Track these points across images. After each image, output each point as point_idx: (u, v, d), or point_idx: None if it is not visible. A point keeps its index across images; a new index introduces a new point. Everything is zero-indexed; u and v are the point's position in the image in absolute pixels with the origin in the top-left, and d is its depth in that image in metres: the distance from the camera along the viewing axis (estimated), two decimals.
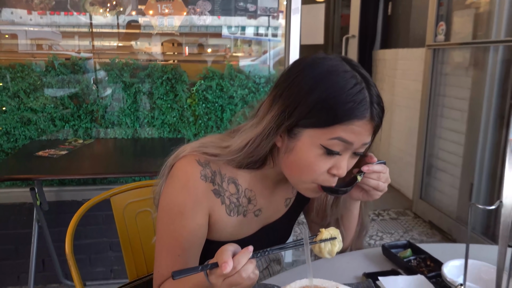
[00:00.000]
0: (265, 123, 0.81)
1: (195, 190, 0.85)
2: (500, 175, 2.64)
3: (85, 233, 2.35)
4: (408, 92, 3.76)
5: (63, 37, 2.38)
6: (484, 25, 2.75)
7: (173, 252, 0.87)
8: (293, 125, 0.79)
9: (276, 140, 0.83)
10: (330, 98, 0.75)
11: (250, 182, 0.93)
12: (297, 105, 0.77)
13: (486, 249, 1.15)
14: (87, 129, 2.37)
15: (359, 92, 0.75)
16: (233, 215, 0.92)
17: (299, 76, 0.79)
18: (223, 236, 0.94)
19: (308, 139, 0.78)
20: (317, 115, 0.76)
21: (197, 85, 2.39)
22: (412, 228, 3.18)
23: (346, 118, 0.75)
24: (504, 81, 2.59)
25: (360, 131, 0.77)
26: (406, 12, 4.23)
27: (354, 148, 0.80)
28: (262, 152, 0.84)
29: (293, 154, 0.81)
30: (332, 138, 0.76)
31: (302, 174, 0.82)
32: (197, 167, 0.86)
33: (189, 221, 0.86)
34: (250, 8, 2.34)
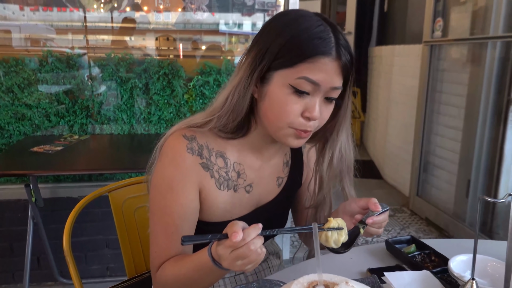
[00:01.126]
0: (240, 74, 0.84)
1: (183, 163, 0.86)
2: (498, 172, 2.64)
3: (81, 230, 2.32)
4: (405, 89, 3.75)
5: (57, 33, 2.34)
6: (481, 21, 2.75)
7: (166, 229, 0.87)
8: (264, 69, 0.82)
9: (253, 92, 0.85)
10: (296, 37, 0.78)
11: (238, 155, 0.94)
12: (267, 49, 0.81)
13: (489, 244, 1.14)
14: (83, 124, 2.34)
15: (323, 31, 0.79)
16: (223, 189, 0.92)
17: (270, 24, 0.84)
18: (216, 215, 0.93)
19: (278, 80, 0.81)
20: (285, 55, 0.79)
21: (194, 80, 2.37)
22: (409, 225, 3.18)
23: (311, 54, 0.77)
24: (501, 77, 2.59)
25: (327, 69, 0.78)
26: (402, 9, 4.23)
27: (324, 91, 0.81)
28: (242, 106, 0.85)
29: (267, 99, 0.83)
30: (299, 78, 0.79)
31: (277, 118, 0.83)
32: (183, 141, 0.87)
33: (179, 196, 0.86)
34: (248, 3, 2.32)
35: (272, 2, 2.34)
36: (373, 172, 4.48)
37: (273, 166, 1.00)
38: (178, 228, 0.87)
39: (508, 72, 2.53)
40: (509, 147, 2.58)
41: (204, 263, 0.76)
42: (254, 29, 2.41)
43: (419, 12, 3.44)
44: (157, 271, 0.88)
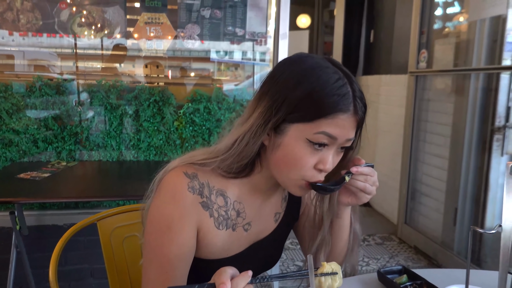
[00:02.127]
0: (252, 121, 0.82)
1: (183, 202, 0.84)
2: (484, 200, 2.68)
3: (65, 259, 2.26)
4: (391, 118, 3.82)
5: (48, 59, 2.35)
6: (464, 53, 2.84)
7: (161, 268, 0.84)
8: (280, 121, 0.80)
9: (264, 139, 0.84)
10: (315, 92, 0.77)
11: (239, 194, 0.92)
12: (284, 101, 0.79)
13: (479, 274, 1.15)
14: (71, 151, 2.32)
15: (342, 86, 0.78)
16: (222, 228, 0.90)
17: (285, 73, 0.82)
18: (213, 253, 0.91)
19: (295, 133, 0.80)
20: (303, 109, 0.78)
21: (184, 107, 2.38)
22: (398, 253, 3.17)
23: (330, 111, 0.77)
24: (485, 107, 2.66)
25: (344, 125, 0.79)
26: (387, 40, 4.35)
27: (339, 144, 0.82)
28: (250, 152, 0.84)
29: (280, 150, 0.82)
30: (317, 133, 0.78)
31: (290, 169, 0.83)
32: (185, 179, 0.85)
33: (177, 235, 0.84)
34: (239, 33, 2.37)
35: (262, 33, 2.40)
36: None
37: (273, 202, 1.00)
38: (174, 268, 0.84)
39: (491, 102, 2.60)
40: (494, 175, 2.62)
41: None
42: (244, 58, 2.45)
43: (404, 43, 3.55)
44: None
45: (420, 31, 3.24)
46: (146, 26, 2.28)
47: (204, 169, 0.87)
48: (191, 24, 2.32)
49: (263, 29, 2.39)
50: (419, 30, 3.23)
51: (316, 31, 6.98)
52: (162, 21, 2.28)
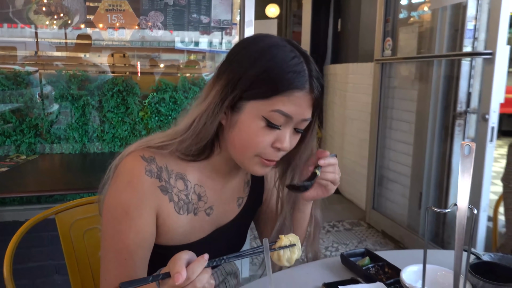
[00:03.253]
0: (209, 99, 0.82)
1: (140, 187, 0.82)
2: (447, 184, 2.76)
3: (29, 256, 2.18)
4: (359, 105, 3.87)
5: (7, 49, 2.25)
6: (427, 40, 2.90)
7: (119, 256, 0.81)
8: (236, 98, 0.80)
9: (221, 118, 0.83)
10: (271, 69, 0.78)
11: (199, 177, 0.90)
12: (240, 78, 0.79)
13: (440, 253, 1.18)
14: (31, 144, 2.23)
15: (298, 64, 0.79)
16: (182, 213, 0.88)
17: (242, 52, 0.82)
18: (174, 239, 0.89)
19: (251, 111, 0.80)
20: (259, 86, 0.78)
21: (149, 97, 2.33)
22: (366, 238, 3.24)
23: (286, 88, 0.77)
24: (447, 94, 2.73)
25: (300, 103, 0.79)
26: (354, 29, 4.40)
27: (295, 123, 0.82)
28: (209, 132, 0.83)
29: (237, 128, 0.82)
30: (273, 111, 0.78)
31: (246, 148, 0.82)
32: (142, 163, 0.82)
33: (135, 221, 0.81)
34: (204, 20, 2.33)
35: (228, 20, 2.36)
36: None
37: (234, 187, 0.98)
38: (133, 255, 0.82)
39: (453, 89, 2.67)
40: (456, 160, 2.70)
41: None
42: (211, 47, 2.42)
43: (370, 32, 3.59)
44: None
45: (385, 19, 3.28)
46: (107, 13, 2.21)
47: (162, 152, 0.85)
48: (155, 11, 2.26)
49: (229, 17, 2.36)
50: (384, 18, 3.27)
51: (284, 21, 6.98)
52: (124, 8, 2.22)
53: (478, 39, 2.53)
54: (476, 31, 2.53)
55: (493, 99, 2.20)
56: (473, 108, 2.58)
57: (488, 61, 2.23)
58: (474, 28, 2.54)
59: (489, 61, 2.22)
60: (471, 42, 2.56)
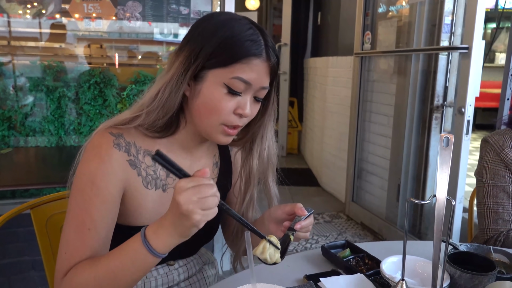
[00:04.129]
0: (173, 71, 0.85)
1: (108, 158, 0.83)
2: (424, 176, 2.81)
3: (3, 252, 2.13)
4: (339, 99, 3.90)
5: None
6: (406, 34, 2.93)
7: (83, 226, 0.80)
8: (198, 68, 0.84)
9: (185, 90, 0.87)
10: (229, 38, 0.83)
11: (167, 154, 0.90)
12: (201, 49, 0.84)
13: (418, 244, 1.20)
14: (4, 137, 2.16)
15: (254, 34, 0.85)
16: (150, 187, 0.89)
17: (202, 25, 0.87)
18: (145, 216, 0.89)
19: (213, 79, 0.84)
20: (219, 55, 0.83)
21: (127, 89, 2.29)
22: (346, 230, 3.28)
23: (244, 55, 0.83)
24: (425, 87, 2.77)
25: (258, 70, 0.85)
26: (334, 22, 4.41)
27: (254, 90, 0.86)
28: (173, 103, 0.85)
29: (200, 97, 0.86)
30: (233, 78, 0.83)
31: (210, 115, 0.86)
32: (110, 137, 0.85)
33: (101, 191, 0.82)
34: (183, 11, 2.29)
35: (208, 11, 2.33)
36: (311, 180, 4.59)
37: (203, 165, 0.99)
38: (96, 225, 0.80)
39: (430, 83, 2.71)
40: (433, 152, 2.75)
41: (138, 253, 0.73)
42: None
43: (350, 25, 3.60)
44: (64, 276, 0.79)
45: (365, 13, 3.30)
46: (83, 2, 2.15)
47: (130, 130, 0.87)
48: (132, 1, 2.21)
49: (209, 8, 2.33)
50: (363, 12, 3.29)
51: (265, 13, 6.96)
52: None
53: (455, 34, 2.58)
54: (453, 26, 2.58)
55: (469, 93, 2.24)
56: (449, 102, 2.63)
57: (465, 55, 2.27)
58: (451, 23, 2.58)
59: (466, 56, 2.26)
60: (448, 36, 2.60)
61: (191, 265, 1.03)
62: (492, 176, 1.31)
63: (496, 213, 1.28)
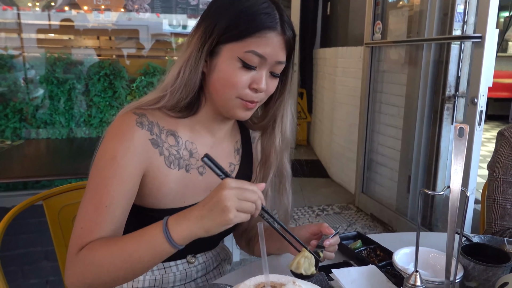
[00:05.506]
0: (191, 48, 0.86)
1: (130, 136, 0.83)
2: (435, 167, 2.79)
3: (16, 242, 2.16)
4: (348, 90, 3.87)
5: None
6: (417, 24, 2.88)
7: (100, 202, 0.80)
8: (214, 43, 0.85)
9: (203, 66, 0.87)
10: (243, 12, 0.83)
11: (190, 134, 0.93)
12: (216, 24, 0.84)
13: (430, 236, 1.19)
14: (16, 129, 2.19)
15: (268, 7, 0.84)
16: (173, 167, 0.89)
17: (217, 2, 0.88)
18: (168, 197, 0.89)
19: (227, 53, 0.84)
20: (233, 29, 0.83)
21: (137, 81, 2.29)
22: (355, 221, 3.27)
23: (258, 29, 0.82)
24: (436, 77, 2.74)
25: (273, 44, 0.84)
26: (344, 12, 4.36)
27: (269, 65, 0.86)
28: (195, 81, 0.86)
29: (216, 72, 0.86)
30: (247, 51, 0.82)
31: (226, 89, 0.86)
32: (133, 116, 0.85)
33: (122, 168, 0.81)
34: (192, 2, 2.28)
35: None
36: (320, 171, 4.58)
37: (225, 149, 0.99)
38: (114, 203, 0.80)
39: (442, 73, 2.67)
40: (445, 143, 2.72)
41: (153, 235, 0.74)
42: None
43: (360, 15, 3.56)
44: (80, 250, 0.78)
45: (375, 2, 3.25)
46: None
47: (153, 111, 0.88)
48: None
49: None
50: (374, 2, 3.25)
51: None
52: None
53: (468, 23, 2.53)
54: (465, 14, 2.53)
55: (482, 83, 2.21)
56: (461, 92, 2.59)
57: (478, 44, 2.23)
58: (463, 12, 2.53)
59: (479, 45, 2.22)
60: (461, 25, 2.56)
61: (210, 262, 1.03)
62: (504, 171, 1.28)
63: (504, 208, 1.26)
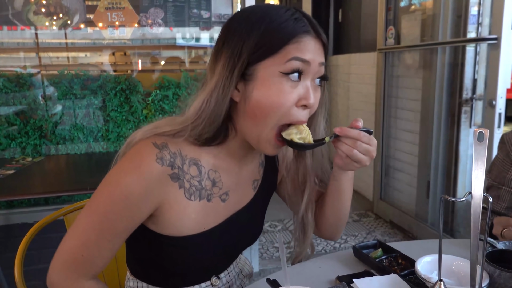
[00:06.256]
0: (216, 77, 0.77)
1: (149, 175, 0.76)
2: (455, 171, 2.74)
3: (39, 257, 2.18)
4: (363, 96, 3.85)
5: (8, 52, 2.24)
6: (430, 27, 2.86)
7: (104, 236, 0.77)
8: (245, 65, 0.76)
9: (233, 95, 0.79)
10: (270, 23, 0.76)
11: (214, 162, 0.86)
12: (243, 44, 0.76)
13: (452, 243, 1.16)
14: (36, 146, 2.23)
15: (295, 13, 0.78)
16: (194, 199, 0.83)
17: (234, 23, 0.79)
18: (188, 227, 0.83)
19: (265, 72, 0.76)
20: (265, 43, 0.75)
21: (152, 95, 2.32)
22: (375, 229, 3.23)
23: (293, 34, 0.75)
24: (452, 81, 2.70)
25: (311, 47, 0.77)
26: (356, 18, 4.36)
27: (312, 72, 0.78)
28: (221, 111, 0.78)
29: (255, 96, 0.77)
30: (289, 60, 0.75)
31: (268, 114, 0.77)
32: (153, 150, 0.77)
33: (133, 207, 0.76)
34: (204, 15, 2.31)
35: (229, 15, 2.34)
36: None
37: (250, 169, 0.94)
38: (117, 237, 0.78)
39: (458, 75, 2.64)
40: (463, 147, 2.68)
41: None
42: (212, 42, 2.40)
43: (372, 21, 3.55)
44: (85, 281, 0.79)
45: (387, 7, 3.24)
46: (107, 11, 2.19)
47: (175, 139, 0.80)
48: (154, 8, 2.24)
49: (229, 11, 2.34)
50: (385, 7, 3.24)
51: None
52: (124, 5, 2.20)
53: (482, 24, 2.50)
54: (480, 16, 2.50)
55: (500, 85, 2.17)
56: (479, 95, 2.55)
57: (493, 46, 2.20)
58: (478, 13, 2.51)
59: (495, 46, 2.19)
60: (475, 27, 2.53)
61: (233, 282, 1.00)
62: (496, 176, 1.29)
63: None
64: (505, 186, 1.26)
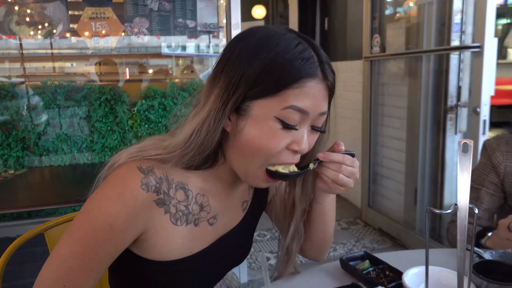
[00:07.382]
0: (209, 106, 0.73)
1: (132, 202, 0.72)
2: (441, 178, 2.76)
3: (21, 272, 2.13)
4: (350, 104, 3.86)
5: None
6: (415, 35, 2.90)
7: (87, 265, 0.72)
8: (240, 99, 0.71)
9: (225, 125, 0.74)
10: (275, 60, 0.69)
11: (202, 186, 0.82)
12: (241, 76, 0.70)
13: (441, 253, 1.16)
14: (19, 158, 2.19)
15: (304, 50, 0.71)
16: (180, 224, 0.79)
17: (238, 46, 0.73)
18: (174, 252, 0.79)
19: (260, 112, 0.71)
20: (264, 81, 0.69)
21: (138, 105, 2.29)
22: (363, 237, 3.23)
23: (296, 79, 0.69)
24: (437, 88, 2.73)
25: (314, 94, 0.71)
26: (342, 27, 4.39)
27: (312, 119, 0.74)
28: (211, 142, 0.74)
29: (244, 135, 0.72)
30: (286, 108, 0.69)
31: (256, 155, 0.73)
32: (138, 175, 0.73)
33: (117, 236, 0.72)
34: (190, 25, 2.30)
35: (214, 24, 2.34)
36: None
37: (239, 192, 0.91)
38: (101, 266, 0.75)
39: (443, 83, 2.67)
40: (449, 154, 2.70)
41: None
42: (199, 51, 2.39)
43: (358, 29, 3.58)
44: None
45: (372, 16, 3.27)
46: (91, 21, 2.17)
47: (160, 163, 0.77)
48: (139, 17, 2.22)
49: (215, 20, 2.33)
50: (371, 15, 3.27)
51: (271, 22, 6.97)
52: (108, 15, 2.18)
53: (466, 33, 2.54)
54: (463, 24, 2.54)
55: (484, 92, 2.20)
56: (463, 102, 2.58)
57: (477, 54, 2.23)
58: (461, 22, 2.54)
59: (478, 54, 2.22)
60: (459, 35, 2.56)
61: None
62: (476, 177, 1.36)
63: None
64: (485, 188, 1.34)
